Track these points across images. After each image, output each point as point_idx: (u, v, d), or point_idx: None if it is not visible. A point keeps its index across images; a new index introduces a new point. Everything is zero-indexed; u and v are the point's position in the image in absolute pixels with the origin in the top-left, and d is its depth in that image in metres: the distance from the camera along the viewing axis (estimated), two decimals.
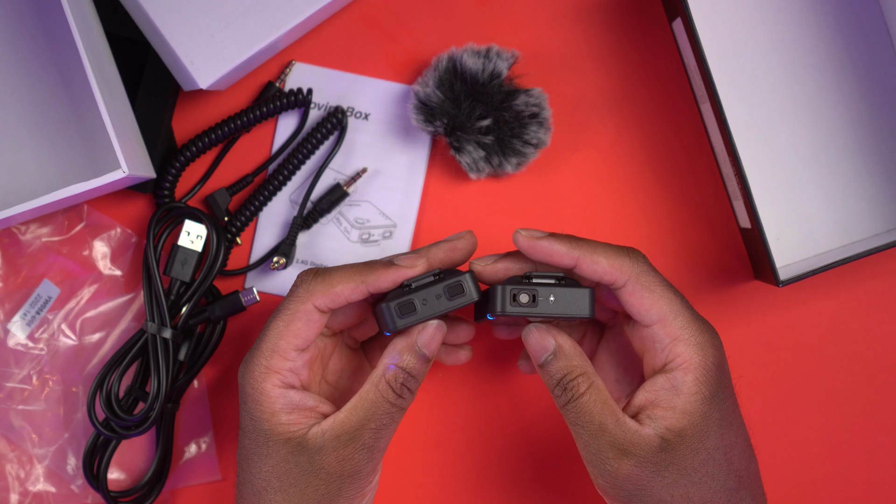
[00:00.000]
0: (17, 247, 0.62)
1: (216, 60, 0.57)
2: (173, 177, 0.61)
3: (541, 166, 0.63)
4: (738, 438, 0.52)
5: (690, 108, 0.63)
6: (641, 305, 0.51)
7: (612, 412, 0.50)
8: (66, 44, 0.61)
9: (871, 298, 0.63)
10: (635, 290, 0.51)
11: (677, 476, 0.50)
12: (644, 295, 0.51)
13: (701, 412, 0.50)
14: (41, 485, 0.62)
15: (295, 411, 0.51)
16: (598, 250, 0.52)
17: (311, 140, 0.62)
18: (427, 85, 0.60)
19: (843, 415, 0.63)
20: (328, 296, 0.51)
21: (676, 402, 0.50)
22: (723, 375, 0.51)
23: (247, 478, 0.52)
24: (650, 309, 0.51)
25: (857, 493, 0.63)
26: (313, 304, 0.51)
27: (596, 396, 0.51)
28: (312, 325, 0.52)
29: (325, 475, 0.50)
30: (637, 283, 0.51)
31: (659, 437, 0.50)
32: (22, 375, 0.62)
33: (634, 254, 0.52)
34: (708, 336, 0.51)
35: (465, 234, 0.54)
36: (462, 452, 0.63)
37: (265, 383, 0.51)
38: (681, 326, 0.51)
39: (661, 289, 0.51)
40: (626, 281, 0.51)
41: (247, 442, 0.52)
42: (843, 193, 0.63)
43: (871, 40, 0.63)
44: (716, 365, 0.51)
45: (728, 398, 0.51)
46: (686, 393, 0.50)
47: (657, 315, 0.51)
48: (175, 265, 0.60)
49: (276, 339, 0.52)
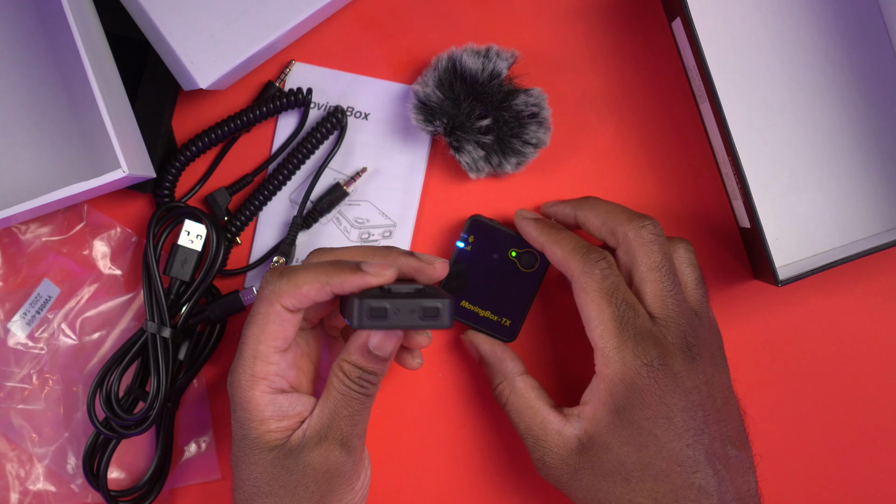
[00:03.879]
0: (17, 246, 0.62)
1: (216, 60, 0.57)
2: (173, 176, 0.61)
3: (540, 166, 0.63)
4: (662, 462, 0.51)
5: (690, 108, 0.63)
6: (577, 304, 0.54)
7: (534, 414, 0.55)
8: (66, 44, 0.61)
9: (871, 298, 0.63)
10: (575, 289, 0.53)
11: (591, 479, 0.52)
12: (579, 295, 0.53)
13: (606, 422, 0.52)
14: (41, 484, 0.62)
15: (285, 419, 0.51)
16: (560, 241, 0.55)
17: (310, 140, 0.62)
18: (427, 85, 0.60)
19: (843, 414, 0.63)
20: (295, 296, 0.51)
21: (591, 408, 0.53)
22: (635, 395, 0.51)
23: (238, 483, 0.53)
24: (581, 310, 0.53)
25: (858, 492, 0.63)
26: (281, 305, 0.51)
27: (517, 401, 0.56)
28: (287, 324, 0.52)
29: (312, 472, 0.51)
30: (577, 282, 0.53)
31: (577, 438, 0.53)
32: (22, 375, 0.62)
33: (591, 254, 0.53)
34: (628, 352, 0.51)
35: (439, 265, 0.53)
36: (463, 452, 0.63)
37: (253, 391, 0.51)
38: (599, 335, 0.52)
39: (596, 294, 0.52)
40: (570, 278, 0.54)
41: (236, 449, 0.53)
42: (843, 193, 0.63)
43: (871, 40, 0.63)
44: (624, 382, 0.51)
45: (646, 419, 0.51)
46: (596, 401, 0.52)
47: (585, 318, 0.53)
48: (175, 265, 0.60)
49: (255, 345, 0.51)
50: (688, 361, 0.52)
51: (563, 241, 0.55)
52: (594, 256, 0.53)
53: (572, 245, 0.54)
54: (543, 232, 0.56)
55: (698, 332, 0.53)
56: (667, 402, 0.51)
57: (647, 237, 0.54)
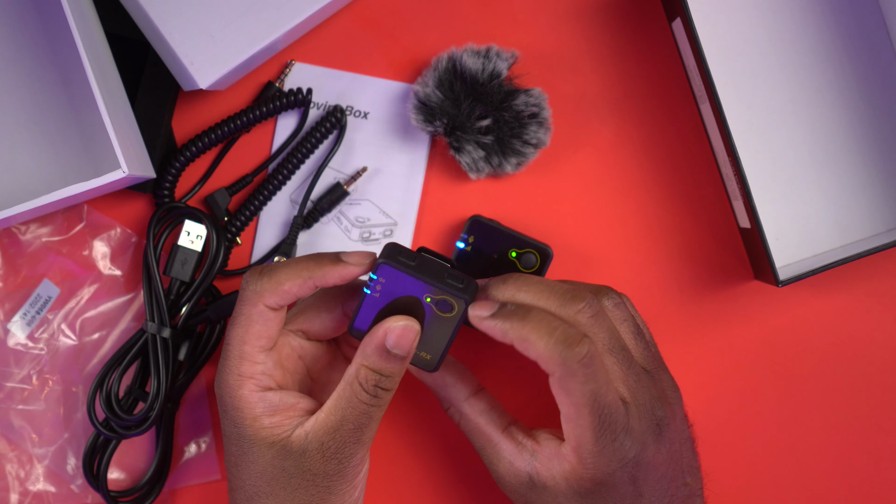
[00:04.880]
0: (17, 247, 0.62)
1: (216, 60, 0.57)
2: (173, 177, 0.61)
3: (540, 166, 0.63)
4: None
5: (690, 108, 0.63)
6: (555, 395, 0.49)
7: (486, 440, 0.54)
8: (66, 44, 0.61)
9: (871, 298, 0.63)
10: (553, 384, 0.49)
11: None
12: (558, 393, 0.49)
13: (564, 493, 0.50)
14: (41, 484, 0.62)
15: (276, 413, 0.51)
16: (535, 331, 0.48)
17: (310, 139, 0.62)
18: (427, 85, 0.60)
19: (843, 415, 0.63)
20: (277, 294, 0.51)
21: (551, 469, 0.51)
22: (606, 491, 0.49)
23: (237, 484, 0.52)
24: (559, 404, 0.49)
25: (858, 492, 0.63)
26: (264, 305, 0.51)
27: (467, 426, 0.55)
28: (270, 323, 0.51)
29: (313, 476, 0.50)
30: (557, 382, 0.48)
31: (528, 475, 0.52)
32: (22, 375, 0.62)
33: (573, 348, 0.47)
34: (605, 458, 0.48)
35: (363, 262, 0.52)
36: (462, 454, 0.63)
37: (241, 390, 0.51)
38: (576, 438, 0.49)
39: (579, 399, 0.48)
40: (549, 372, 0.49)
41: (233, 449, 0.52)
42: (843, 193, 0.63)
43: (871, 40, 0.63)
44: (595, 481, 0.49)
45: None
46: (559, 472, 0.50)
47: (563, 414, 0.49)
48: (175, 265, 0.60)
49: (240, 346, 0.51)
50: (658, 442, 0.50)
51: (536, 335, 0.48)
52: (578, 351, 0.47)
53: (548, 339, 0.48)
54: (515, 322, 0.49)
55: (661, 399, 0.51)
56: (636, 491, 0.50)
57: (588, 322, 0.50)
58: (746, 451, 0.63)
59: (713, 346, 0.63)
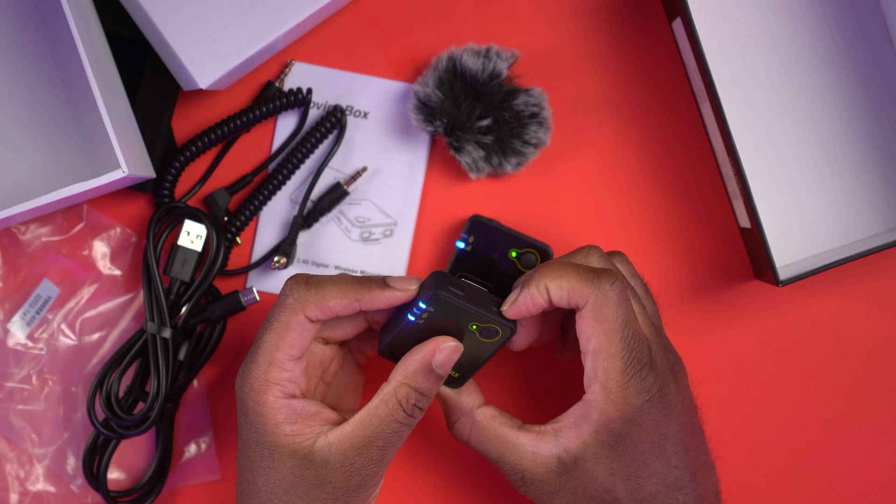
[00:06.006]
0: (17, 247, 0.62)
1: (216, 60, 0.57)
2: (173, 177, 0.61)
3: (540, 166, 0.63)
4: (650, 486, 0.50)
5: (690, 108, 0.63)
6: (581, 330, 0.50)
7: (504, 442, 0.52)
8: (66, 44, 0.61)
9: (871, 298, 0.63)
10: (585, 316, 0.50)
11: (573, 499, 0.51)
12: (590, 323, 0.50)
13: (595, 452, 0.50)
14: (41, 484, 0.62)
15: (299, 421, 0.51)
16: (561, 275, 0.50)
17: (310, 139, 0.62)
18: (427, 84, 0.60)
19: (844, 415, 0.63)
20: (320, 309, 0.51)
21: (577, 433, 0.51)
22: (632, 430, 0.50)
23: (252, 489, 0.52)
24: (588, 338, 0.50)
25: (858, 492, 0.63)
26: (305, 316, 0.51)
27: (481, 435, 0.53)
28: (306, 334, 0.51)
29: (332, 489, 0.50)
30: (590, 310, 0.50)
31: (556, 457, 0.51)
32: (22, 375, 0.62)
33: (602, 279, 0.50)
34: (632, 389, 0.49)
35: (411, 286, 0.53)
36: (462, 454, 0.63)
37: (266, 395, 0.51)
38: (605, 370, 0.50)
39: (611, 325, 0.49)
40: (580, 307, 0.50)
41: (251, 453, 0.52)
42: (843, 193, 0.63)
43: (871, 40, 0.63)
44: (623, 419, 0.50)
45: (639, 452, 0.50)
46: (586, 428, 0.50)
47: (593, 348, 0.50)
48: (175, 265, 0.60)
49: (272, 351, 0.51)
50: (675, 385, 0.51)
51: (565, 274, 0.50)
52: (606, 280, 0.50)
53: (577, 274, 0.50)
54: (536, 277, 0.51)
55: (672, 349, 0.53)
56: (661, 432, 0.50)
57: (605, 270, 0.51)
58: (746, 451, 0.63)
59: (713, 346, 0.63)
